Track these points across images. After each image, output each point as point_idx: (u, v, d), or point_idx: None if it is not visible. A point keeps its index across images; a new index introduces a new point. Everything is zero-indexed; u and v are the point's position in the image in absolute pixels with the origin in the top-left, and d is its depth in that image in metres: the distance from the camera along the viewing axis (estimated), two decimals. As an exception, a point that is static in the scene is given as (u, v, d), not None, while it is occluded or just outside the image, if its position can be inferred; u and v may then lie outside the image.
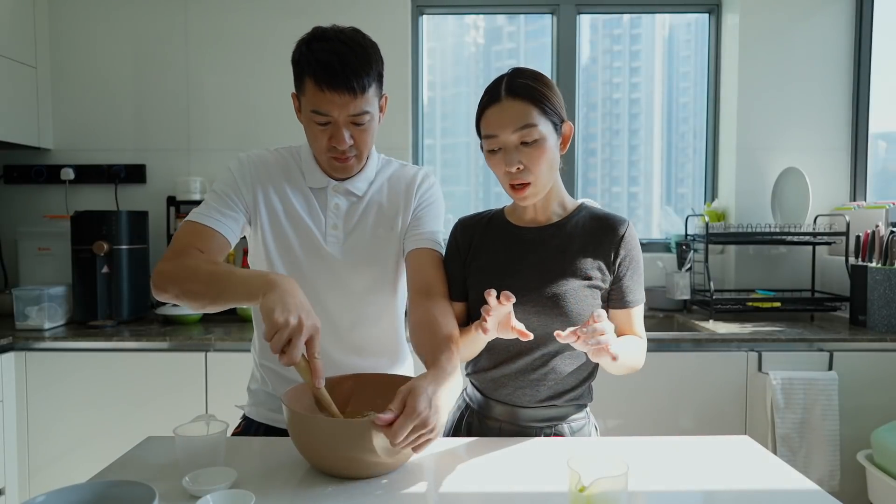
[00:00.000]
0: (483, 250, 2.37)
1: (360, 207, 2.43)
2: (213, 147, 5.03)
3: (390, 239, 2.43)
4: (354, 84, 2.14)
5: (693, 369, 3.98)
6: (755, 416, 3.98)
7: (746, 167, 5.04)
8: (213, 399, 3.97)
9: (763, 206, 5.02)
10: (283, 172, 2.41)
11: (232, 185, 2.35)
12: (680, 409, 3.99)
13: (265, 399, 2.52)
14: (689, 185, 5.45)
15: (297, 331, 1.79)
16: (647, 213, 5.47)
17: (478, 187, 5.38)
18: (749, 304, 4.57)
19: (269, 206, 2.36)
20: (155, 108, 5.03)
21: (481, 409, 2.38)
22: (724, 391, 3.98)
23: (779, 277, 5.02)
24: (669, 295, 4.84)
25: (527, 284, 2.22)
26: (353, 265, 2.39)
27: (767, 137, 5.02)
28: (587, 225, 2.31)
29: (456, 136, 5.33)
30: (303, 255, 2.36)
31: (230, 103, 5.02)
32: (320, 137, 2.25)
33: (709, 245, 4.76)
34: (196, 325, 4.36)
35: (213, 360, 3.96)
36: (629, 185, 5.47)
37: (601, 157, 5.45)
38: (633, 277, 2.29)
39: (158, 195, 5.00)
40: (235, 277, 1.97)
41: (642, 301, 2.34)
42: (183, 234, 2.24)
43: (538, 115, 2.14)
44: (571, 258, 2.26)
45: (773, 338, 3.99)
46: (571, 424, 2.32)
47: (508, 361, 2.29)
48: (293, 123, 4.98)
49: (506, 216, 2.43)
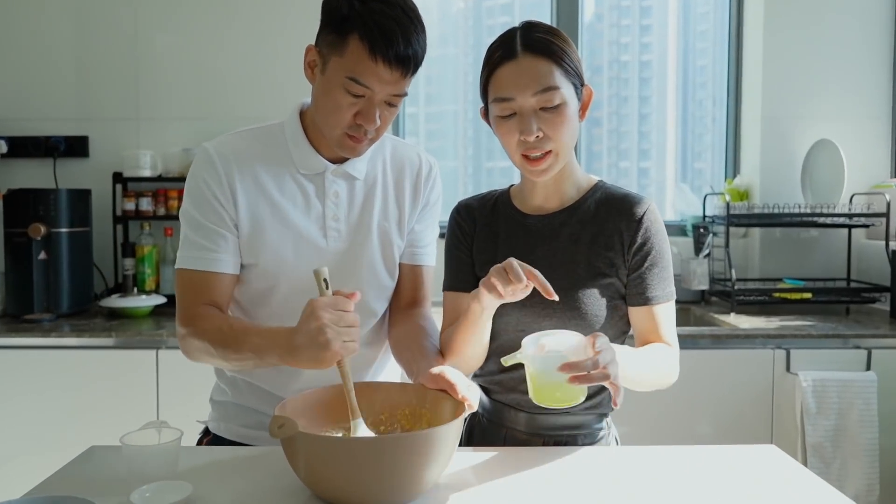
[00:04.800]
0: (487, 241, 2.37)
1: (360, 193, 2.39)
2: (165, 116, 5.00)
3: (394, 234, 2.43)
4: (412, 61, 2.10)
5: (712, 369, 3.99)
6: (782, 422, 4.00)
7: (773, 139, 5.05)
8: (165, 403, 3.96)
9: (792, 183, 5.03)
10: (266, 160, 2.32)
11: (209, 201, 2.26)
12: (697, 414, 4.00)
13: (236, 413, 2.48)
14: (707, 160, 5.47)
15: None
16: (659, 192, 5.48)
17: (467, 162, 5.38)
18: (776, 295, 4.58)
19: (252, 211, 2.28)
20: (99, 72, 5.00)
21: (488, 413, 2.39)
22: (748, 394, 3.99)
23: (810, 265, 5.04)
24: (685, 285, 4.85)
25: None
26: (357, 262, 2.37)
27: (797, 105, 5.03)
28: (602, 208, 2.29)
29: (442, 104, 5.33)
30: (295, 260, 2.30)
31: (186, 66, 4.99)
32: (346, 110, 2.14)
33: (730, 228, 4.75)
34: (146, 318, 4.36)
35: (166, 358, 3.95)
36: (639, 160, 5.47)
37: (607, 128, 5.45)
38: (655, 269, 2.24)
39: (103, 171, 4.96)
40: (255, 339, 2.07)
41: (670, 298, 2.28)
42: (183, 290, 2.29)
43: (560, 76, 2.12)
44: (584, 249, 2.25)
45: (804, 333, 4.00)
46: (588, 435, 2.32)
47: (518, 366, 2.24)
48: (263, 90, 5.02)
49: (511, 200, 2.41)
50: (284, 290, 2.31)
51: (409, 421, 2.08)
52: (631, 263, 2.24)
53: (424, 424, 2.04)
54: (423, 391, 2.04)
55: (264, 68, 4.92)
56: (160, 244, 4.84)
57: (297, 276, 2.28)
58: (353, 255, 2.36)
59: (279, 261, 2.29)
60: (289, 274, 2.30)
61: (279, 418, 1.76)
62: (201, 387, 2.67)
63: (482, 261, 2.33)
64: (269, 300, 2.34)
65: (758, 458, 2.17)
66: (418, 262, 2.49)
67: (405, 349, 2.29)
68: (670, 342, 2.27)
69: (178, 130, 4.95)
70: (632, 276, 2.24)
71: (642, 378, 2.14)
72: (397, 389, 2.13)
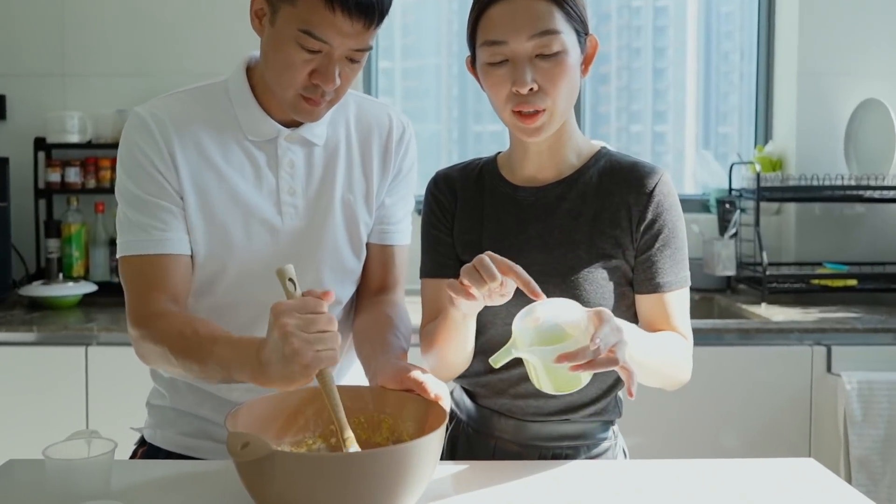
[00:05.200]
0: (471, 218, 2.34)
1: (320, 161, 2.37)
2: (96, 71, 4.99)
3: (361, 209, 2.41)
4: (376, 10, 2.08)
5: (739, 369, 4.00)
6: (822, 431, 4.01)
7: (811, 99, 5.05)
8: (96, 409, 3.98)
9: (833, 150, 5.03)
10: (208, 126, 2.29)
11: (147, 171, 2.22)
12: (720, 422, 4.01)
13: (175, 419, 2.45)
14: (733, 123, 5.48)
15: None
16: (677, 161, 5.50)
17: (451, 125, 5.39)
18: (814, 282, 4.60)
19: (196, 185, 2.25)
20: (18, 20, 4.98)
21: (472, 422, 2.38)
22: (781, 399, 4.01)
23: (854, 246, 5.04)
24: (708, 270, 4.85)
25: (528, 266, 2.03)
26: (318, 243, 2.35)
27: (840, 58, 5.02)
28: (606, 179, 2.27)
29: (422, 57, 5.34)
30: (245, 242, 2.28)
31: (120, 13, 4.97)
32: (300, 68, 2.11)
33: (760, 203, 4.77)
34: (73, 310, 4.36)
35: (97, 356, 3.97)
36: (654, 123, 5.49)
37: (616, 86, 5.46)
38: (668, 251, 2.22)
39: (23, 136, 4.93)
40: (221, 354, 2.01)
41: (684, 285, 2.25)
42: (132, 282, 2.23)
43: (562, 20, 2.10)
44: (586, 227, 2.22)
45: (847, 327, 4.01)
46: (591, 447, 2.31)
47: (508, 365, 2.19)
48: (212, 41, 5.00)
49: (499, 169, 2.38)
50: (231, 278, 2.29)
51: (366, 431, 2.06)
52: (640, 244, 2.22)
53: (386, 433, 2.03)
54: (383, 394, 2.03)
55: (213, 15, 4.90)
56: (90, 222, 4.82)
57: (246, 261, 2.27)
58: (312, 235, 2.34)
59: (227, 243, 2.27)
60: (237, 258, 2.28)
61: (240, 436, 1.70)
62: (137, 388, 2.66)
63: (464, 241, 2.32)
64: (213, 289, 2.31)
65: (793, 474, 2.16)
66: (389, 241, 2.46)
67: (366, 341, 2.28)
68: (685, 334, 2.25)
69: (112, 88, 4.93)
70: (640, 259, 2.22)
71: (652, 366, 2.11)
72: (349, 394, 2.07)
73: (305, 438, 2.06)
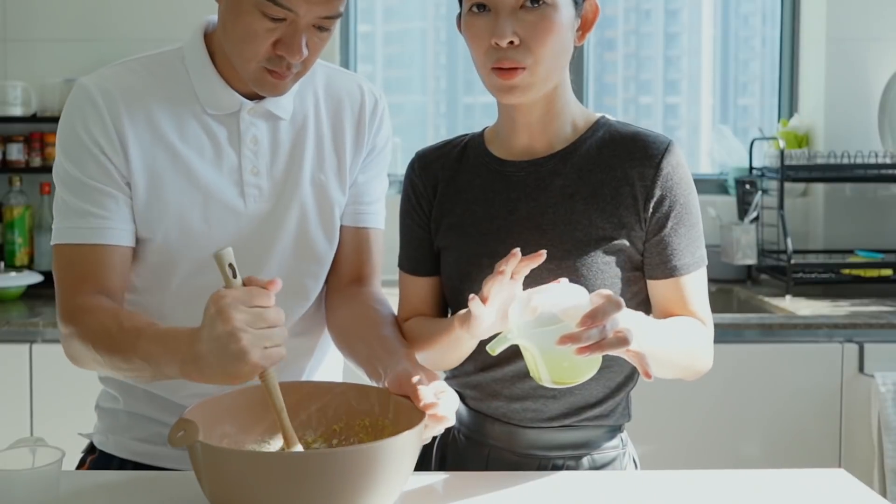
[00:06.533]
0: (453, 199, 2.33)
1: (287, 137, 2.37)
2: (40, 37, 4.99)
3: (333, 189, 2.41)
4: None
5: (761, 369, 4.01)
6: (854, 437, 4.02)
7: (841, 67, 5.05)
8: (41, 412, 3.99)
9: (866, 125, 5.03)
10: (162, 98, 2.27)
11: (90, 151, 2.21)
12: (740, 428, 4.02)
13: (129, 423, 2.45)
14: (754, 94, 5.49)
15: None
16: (692, 136, 5.50)
17: (438, 97, 5.40)
18: (845, 272, 4.61)
19: (148, 166, 2.24)
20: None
21: (465, 428, 2.37)
22: (808, 402, 4.01)
23: (890, 232, 5.07)
24: (726, 258, 4.86)
25: (519, 251, 2.04)
26: (285, 227, 2.35)
27: (873, 22, 5.03)
28: (606, 150, 2.25)
29: (406, 20, 5.35)
30: (204, 228, 2.28)
31: (66, -30, 4.95)
32: (262, 38, 2.09)
33: (785, 183, 4.77)
34: (17, 303, 4.37)
35: (43, 354, 3.98)
36: (665, 94, 5.49)
37: (623, 52, 5.47)
38: (682, 230, 2.20)
39: (-42, 109, 4.93)
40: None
41: (700, 265, 2.24)
42: (63, 274, 2.24)
43: None
44: (583, 205, 2.20)
45: (881, 323, 4.02)
46: (595, 456, 2.29)
47: (501, 362, 2.22)
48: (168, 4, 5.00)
49: (485, 144, 2.37)
50: (187, 269, 2.29)
51: (370, 435, 2.06)
52: (650, 224, 2.19)
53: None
54: (387, 397, 2.03)
55: (171, -27, 4.88)
56: (35, 205, 4.84)
57: (204, 250, 2.20)
58: (279, 219, 2.33)
59: (183, 230, 2.26)
60: (194, 247, 2.27)
61: (182, 422, 1.74)
62: (87, 390, 2.67)
63: (447, 225, 2.31)
64: (167, 282, 2.31)
65: (822, 486, 2.15)
66: (363, 223, 2.46)
67: (358, 341, 2.27)
68: (703, 318, 2.23)
69: (58, 56, 4.93)
70: (652, 241, 2.20)
71: (670, 356, 2.10)
72: (356, 393, 2.10)
73: (305, 436, 2.06)
